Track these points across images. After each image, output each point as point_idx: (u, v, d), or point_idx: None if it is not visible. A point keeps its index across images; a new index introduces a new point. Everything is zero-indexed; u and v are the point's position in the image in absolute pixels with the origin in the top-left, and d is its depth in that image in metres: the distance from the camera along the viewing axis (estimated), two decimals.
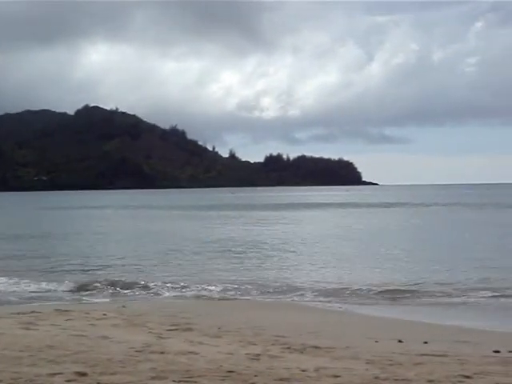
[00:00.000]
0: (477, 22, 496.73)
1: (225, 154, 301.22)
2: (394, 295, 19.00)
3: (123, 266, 26.34)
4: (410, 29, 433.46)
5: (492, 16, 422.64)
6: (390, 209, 79.05)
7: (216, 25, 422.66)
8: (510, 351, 10.36)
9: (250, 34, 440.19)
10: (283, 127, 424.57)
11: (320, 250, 31.25)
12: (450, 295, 18.83)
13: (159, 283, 21.18)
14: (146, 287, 20.51)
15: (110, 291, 20.07)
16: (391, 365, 8.91)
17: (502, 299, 18.18)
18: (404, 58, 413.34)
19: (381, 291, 19.58)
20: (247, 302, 18.06)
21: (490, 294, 18.62)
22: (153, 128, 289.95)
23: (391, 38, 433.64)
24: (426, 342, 11.45)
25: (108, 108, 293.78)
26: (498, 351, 10.36)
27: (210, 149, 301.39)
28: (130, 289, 20.33)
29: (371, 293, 19.36)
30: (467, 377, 8.09)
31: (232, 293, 19.61)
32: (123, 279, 22.00)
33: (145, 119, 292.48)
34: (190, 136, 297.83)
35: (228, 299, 18.69)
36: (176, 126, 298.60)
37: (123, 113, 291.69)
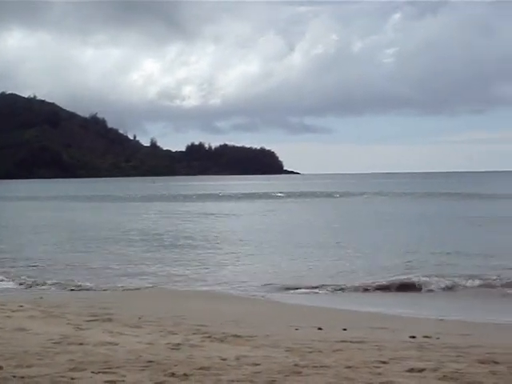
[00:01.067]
0: (394, 14, 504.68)
1: (146, 142, 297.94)
2: (315, 284, 19.23)
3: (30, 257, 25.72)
4: (329, 20, 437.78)
5: (409, 8, 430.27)
6: (310, 199, 79.95)
7: (136, 13, 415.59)
8: (424, 336, 10.62)
9: (170, 23, 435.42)
10: (205, 116, 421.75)
11: (243, 242, 31.30)
12: (368, 283, 19.14)
13: (77, 274, 20.92)
14: (61, 279, 20.13)
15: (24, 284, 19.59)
16: (311, 352, 9.00)
17: (420, 286, 18.62)
18: (324, 48, 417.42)
19: (302, 280, 19.83)
20: (168, 292, 17.98)
21: (409, 281, 19.02)
22: (72, 116, 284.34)
23: (311, 28, 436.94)
24: (345, 329, 11.62)
25: (26, 96, 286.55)
26: (413, 337, 10.61)
27: (131, 137, 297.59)
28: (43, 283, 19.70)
29: (293, 282, 19.55)
30: (384, 362, 8.25)
31: (153, 283, 19.50)
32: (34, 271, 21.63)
33: (64, 107, 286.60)
34: (110, 124, 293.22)
35: (149, 289, 18.56)
36: (96, 114, 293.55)
37: (42, 101, 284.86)
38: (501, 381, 7.28)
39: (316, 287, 18.73)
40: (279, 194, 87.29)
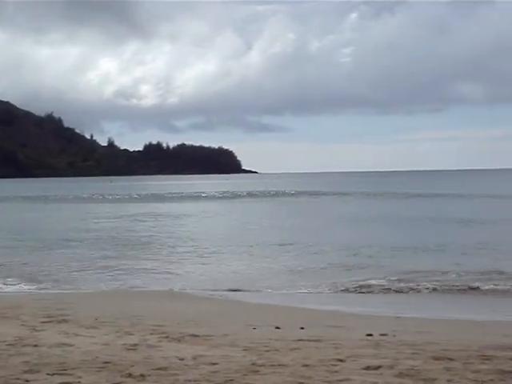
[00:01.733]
0: (351, 13, 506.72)
1: (103, 142, 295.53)
2: (273, 283, 19.29)
3: None
4: (287, 19, 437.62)
5: (365, 8, 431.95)
6: (266, 199, 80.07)
7: (91, 11, 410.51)
8: (381, 334, 10.71)
9: (126, 21, 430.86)
10: (162, 115, 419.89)
11: (199, 243, 31.19)
12: (325, 283, 19.25)
13: (32, 275, 20.69)
14: (16, 280, 19.91)
15: None
16: (268, 351, 9.02)
17: (375, 284, 18.79)
18: (281, 47, 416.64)
19: (260, 280, 19.87)
20: (125, 293, 17.86)
21: (366, 282, 19.18)
22: (27, 115, 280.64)
23: (269, 27, 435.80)
24: (302, 328, 11.65)
25: None
26: (370, 334, 10.68)
27: (88, 137, 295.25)
28: None
29: (251, 281, 19.59)
30: (341, 360, 8.30)
31: (110, 283, 19.36)
32: None
33: (19, 106, 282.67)
34: (66, 124, 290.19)
35: (106, 290, 18.42)
36: (52, 113, 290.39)
37: None
38: (455, 377, 7.38)
39: (274, 287, 18.79)
40: (240, 194, 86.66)
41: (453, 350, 9.04)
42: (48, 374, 7.56)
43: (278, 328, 11.65)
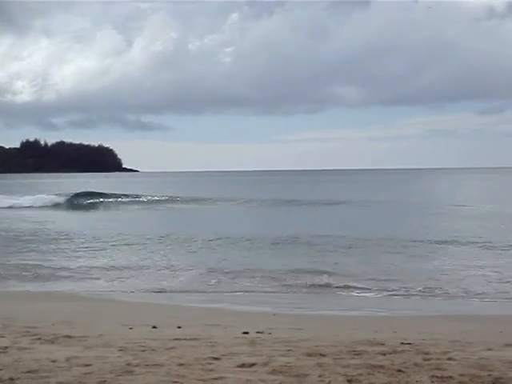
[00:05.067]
0: (233, 13, 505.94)
1: None
2: (151, 280, 19.21)
3: None
4: (169, 17, 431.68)
5: (247, 9, 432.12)
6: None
7: None
8: (257, 332, 10.86)
9: None
10: (39, 112, 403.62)
11: (71, 241, 30.61)
12: (203, 282, 19.35)
13: None
14: None
15: None
16: (144, 351, 8.96)
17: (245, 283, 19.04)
18: (162, 45, 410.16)
19: (139, 278, 19.75)
20: None
21: (233, 280, 19.39)
22: None
23: (150, 25, 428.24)
24: (179, 327, 11.64)
25: None
26: (246, 332, 10.81)
27: None
28: None
29: (130, 280, 19.45)
30: (216, 358, 8.35)
31: None
32: None
33: None
34: None
35: None
36: None
37: None
38: (326, 372, 7.57)
39: (152, 285, 18.72)
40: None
41: (325, 345, 9.26)
42: None
43: (154, 327, 11.59)
